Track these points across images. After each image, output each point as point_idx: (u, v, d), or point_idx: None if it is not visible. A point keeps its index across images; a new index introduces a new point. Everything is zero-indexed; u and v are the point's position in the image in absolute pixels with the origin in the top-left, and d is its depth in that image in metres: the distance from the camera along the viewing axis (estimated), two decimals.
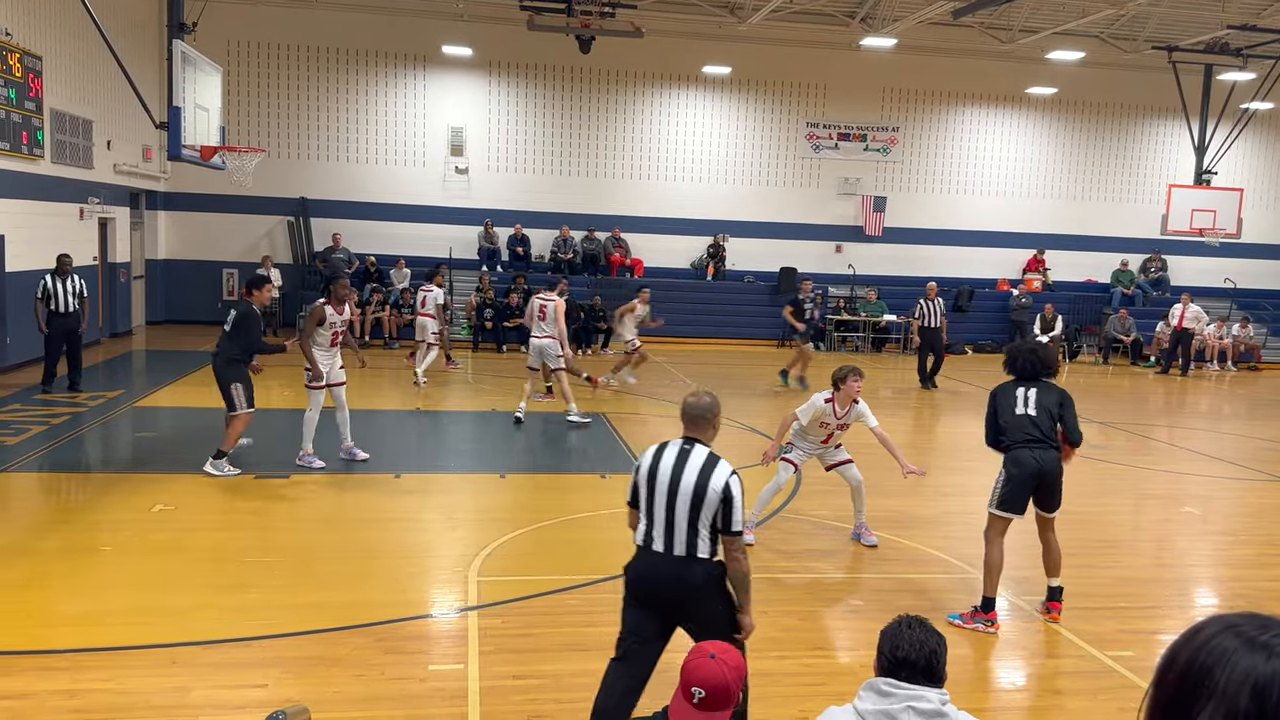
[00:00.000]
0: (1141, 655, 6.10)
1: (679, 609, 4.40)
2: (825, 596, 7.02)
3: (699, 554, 4.35)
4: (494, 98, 23.45)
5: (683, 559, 4.34)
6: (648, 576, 4.42)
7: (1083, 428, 6.98)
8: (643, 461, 4.52)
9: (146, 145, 20.30)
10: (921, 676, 2.90)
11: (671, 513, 4.35)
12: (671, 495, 4.35)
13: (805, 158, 24.83)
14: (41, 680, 5.21)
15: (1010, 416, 6.62)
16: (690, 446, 4.47)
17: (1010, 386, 6.78)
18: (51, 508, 8.75)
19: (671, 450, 4.48)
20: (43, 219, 15.82)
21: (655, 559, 4.39)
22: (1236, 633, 1.32)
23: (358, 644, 5.80)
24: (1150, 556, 8.53)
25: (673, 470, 4.39)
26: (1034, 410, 6.57)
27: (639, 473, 4.50)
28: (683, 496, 4.33)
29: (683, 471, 4.37)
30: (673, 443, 4.53)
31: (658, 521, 4.38)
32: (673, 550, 4.35)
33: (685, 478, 4.35)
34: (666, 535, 4.36)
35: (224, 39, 20.94)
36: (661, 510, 4.37)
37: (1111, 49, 23.69)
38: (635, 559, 4.50)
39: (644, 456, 4.54)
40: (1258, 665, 1.28)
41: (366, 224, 22.86)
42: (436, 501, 9.24)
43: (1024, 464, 6.51)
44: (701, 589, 4.36)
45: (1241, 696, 1.26)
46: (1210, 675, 1.30)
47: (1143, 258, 26.14)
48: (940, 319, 17.27)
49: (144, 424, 12.27)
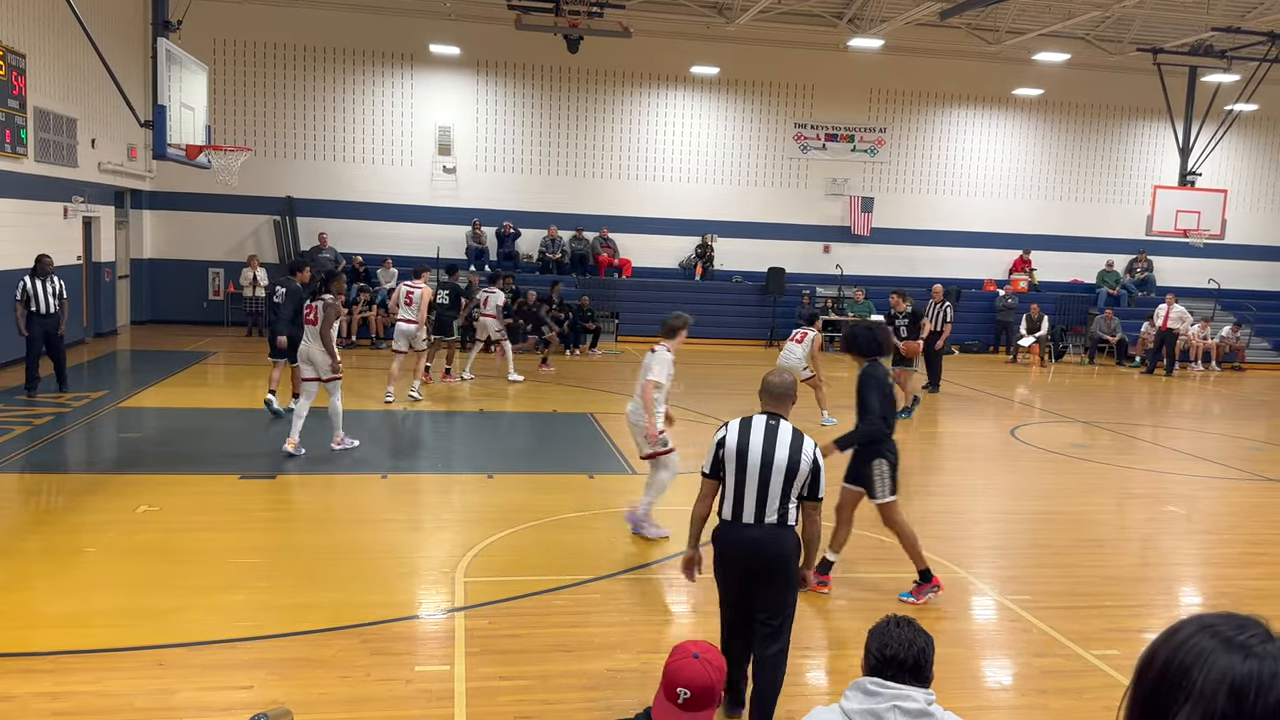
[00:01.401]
0: (1126, 654, 6.13)
1: (765, 574, 4.66)
2: (810, 596, 7.03)
3: (789, 522, 4.67)
4: (482, 97, 23.41)
5: (774, 527, 4.64)
6: (740, 545, 4.66)
7: (1068, 428, 7.04)
8: (728, 437, 4.73)
9: (131, 144, 20.18)
10: (909, 676, 2.91)
11: (766, 485, 4.62)
12: (765, 469, 4.63)
13: (793, 158, 24.88)
14: (25, 683, 5.17)
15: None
16: (776, 422, 4.76)
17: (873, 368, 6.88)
18: (35, 509, 8.70)
19: (758, 427, 4.73)
20: (26, 218, 15.71)
21: (747, 529, 4.65)
22: (1214, 633, 1.33)
23: (343, 645, 5.78)
24: (1135, 555, 8.58)
25: (764, 446, 4.66)
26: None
27: (724, 448, 4.71)
28: (777, 470, 4.62)
29: (775, 446, 4.66)
30: (756, 419, 4.79)
31: (749, 494, 4.64)
32: (764, 520, 4.63)
33: (779, 452, 4.64)
34: (759, 506, 4.63)
35: (210, 37, 20.84)
36: (754, 483, 4.63)
37: (1097, 51, 23.81)
38: (724, 531, 4.73)
39: (727, 432, 4.76)
40: (1235, 665, 1.29)
41: (353, 223, 22.79)
42: (423, 502, 9.22)
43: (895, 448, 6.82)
44: (792, 556, 4.70)
45: (1218, 696, 1.27)
46: (1188, 675, 1.31)
47: (1128, 258, 26.28)
48: (944, 323, 16.97)
49: (128, 424, 12.20)
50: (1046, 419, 15.24)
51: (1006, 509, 9.95)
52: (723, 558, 4.75)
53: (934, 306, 17.21)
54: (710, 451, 4.79)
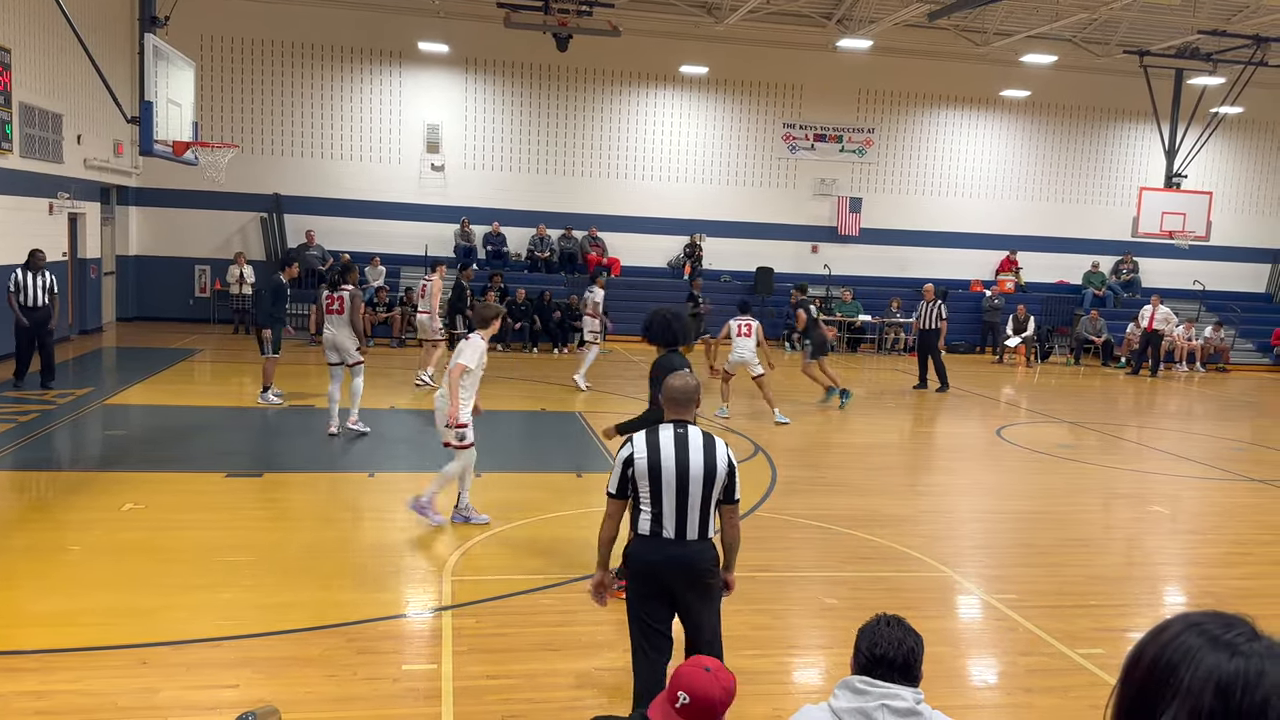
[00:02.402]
0: (1112, 653, 6.16)
1: (690, 592, 4.45)
2: (799, 595, 7.05)
3: (709, 534, 4.44)
4: (471, 95, 23.36)
5: (696, 542, 4.40)
6: (660, 564, 4.40)
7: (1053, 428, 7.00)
8: (636, 453, 4.42)
9: (118, 140, 20.07)
10: (898, 675, 2.92)
11: (685, 498, 4.36)
12: (682, 481, 4.36)
13: (781, 158, 24.92)
14: (8, 681, 5.14)
15: None
16: (684, 430, 4.48)
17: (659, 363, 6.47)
18: (19, 506, 8.64)
19: (667, 438, 4.44)
20: (11, 214, 15.61)
21: (667, 545, 4.39)
22: (1200, 631, 1.34)
23: (330, 644, 5.76)
24: (1120, 555, 8.63)
25: (676, 456, 4.38)
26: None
27: (633, 466, 4.42)
28: (694, 481, 4.36)
29: (688, 455, 4.38)
30: (663, 429, 4.49)
31: (667, 509, 4.37)
32: (685, 535, 4.38)
33: (693, 461, 4.37)
34: (679, 521, 4.38)
35: (197, 33, 20.73)
36: (672, 497, 4.37)
37: (1084, 53, 23.92)
38: (641, 548, 4.45)
39: (635, 449, 4.44)
40: (1221, 664, 1.29)
41: (341, 220, 22.71)
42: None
43: None
44: (715, 568, 4.50)
45: (1205, 695, 1.28)
46: (1175, 673, 1.31)
47: (1114, 259, 26.42)
48: (938, 322, 17.09)
49: (114, 422, 12.13)
50: (1032, 419, 15.31)
51: (992, 508, 9.99)
52: (642, 577, 4.45)
53: (925, 306, 17.28)
54: (616, 471, 4.47)
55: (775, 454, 11.56)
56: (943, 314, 17.09)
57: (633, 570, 4.51)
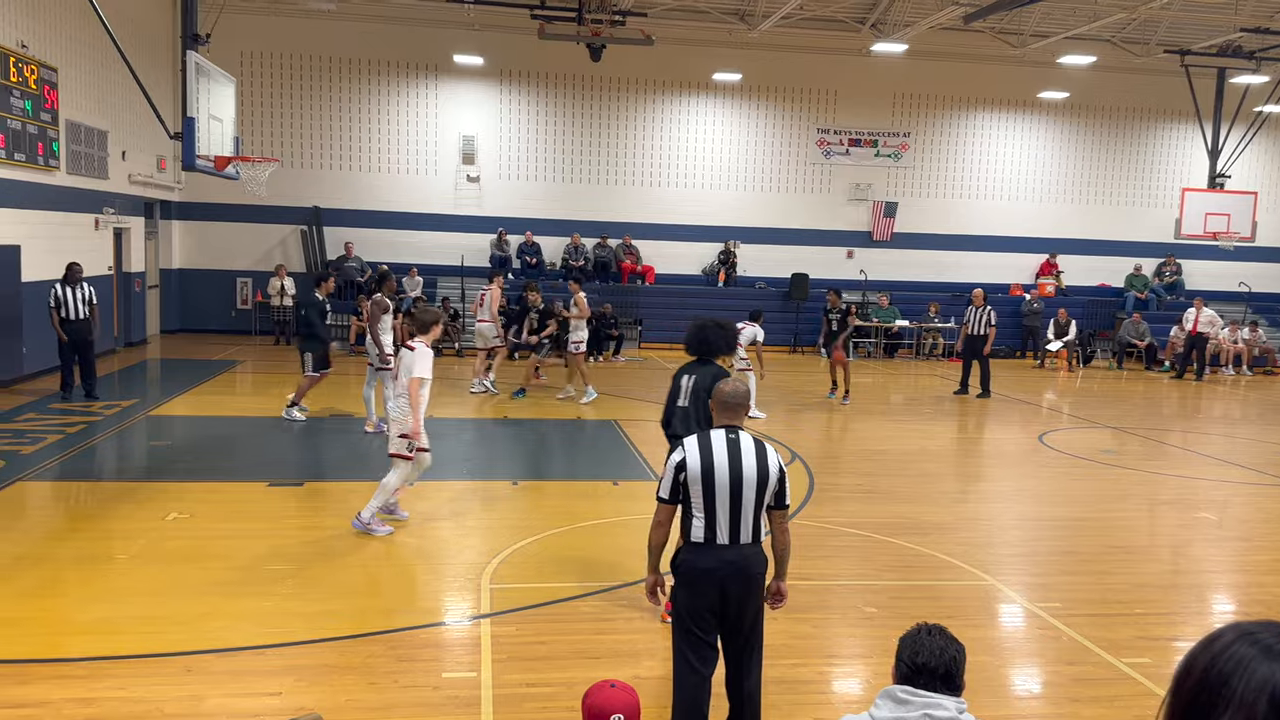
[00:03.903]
0: (1158, 662, 6.05)
1: (742, 597, 4.42)
2: (838, 604, 7.00)
3: (761, 538, 4.45)
4: (505, 106, 23.53)
5: (750, 545, 4.41)
6: (715, 570, 4.37)
7: (1097, 433, 6.89)
8: (689, 458, 4.43)
9: (161, 155, 20.44)
10: (940, 684, 2.88)
11: (738, 503, 4.37)
12: (735, 486, 4.36)
13: (816, 163, 24.83)
14: (58, 688, 5.23)
15: (674, 405, 6.44)
16: (735, 435, 4.50)
17: (680, 371, 6.50)
18: (67, 516, 8.80)
19: (719, 443, 4.45)
20: (58, 229, 15.93)
21: (721, 550, 4.38)
22: (1254, 640, 1.32)
23: (371, 651, 5.81)
24: (1166, 562, 8.47)
25: (729, 462, 4.39)
26: (688, 401, 6.35)
27: (685, 471, 4.42)
28: (748, 485, 4.37)
29: (740, 460, 4.39)
30: (714, 434, 4.50)
31: (721, 514, 4.37)
32: (739, 539, 4.38)
33: (745, 466, 4.38)
34: (732, 525, 4.37)
35: (238, 50, 21.07)
36: (725, 502, 4.36)
37: (1123, 53, 23.61)
38: (694, 555, 4.43)
39: (687, 453, 4.45)
40: (1276, 673, 1.27)
41: (379, 232, 22.96)
42: (449, 509, 9.25)
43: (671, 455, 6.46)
44: (764, 574, 4.49)
45: (1259, 704, 1.26)
46: (1227, 683, 1.29)
47: (1157, 262, 26.04)
48: (987, 328, 16.97)
49: (158, 433, 12.32)
50: (1075, 424, 15.10)
51: (1034, 515, 9.86)
52: (695, 584, 4.41)
53: (975, 311, 17.13)
54: (668, 476, 4.46)
55: (812, 461, 11.50)
56: (991, 320, 16.95)
57: (685, 578, 4.47)
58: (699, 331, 6.43)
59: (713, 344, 6.38)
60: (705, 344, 6.38)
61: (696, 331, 6.44)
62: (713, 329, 6.41)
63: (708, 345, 6.38)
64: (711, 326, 6.43)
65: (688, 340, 6.50)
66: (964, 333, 17.36)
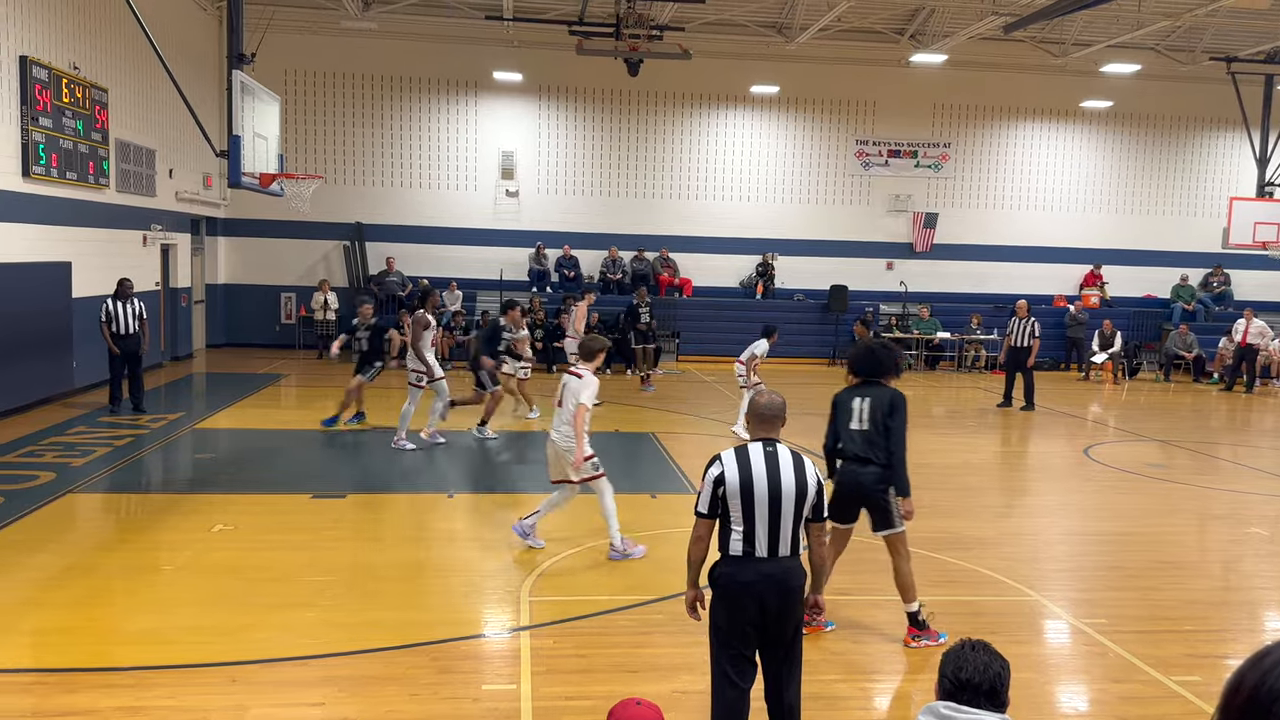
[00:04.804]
0: (1208, 680, 5.93)
1: (782, 610, 4.40)
2: (880, 619, 6.93)
3: (800, 551, 4.47)
4: (544, 121, 23.70)
5: (789, 558, 4.42)
6: (754, 583, 4.37)
7: (1143, 446, 6.76)
8: (727, 472, 4.43)
9: (207, 173, 20.81)
10: (985, 700, 2.86)
11: (777, 516, 4.38)
12: (775, 499, 4.37)
13: (855, 175, 24.72)
14: (105, 697, 5.32)
15: (844, 429, 6.34)
16: (773, 448, 4.50)
17: (846, 393, 6.44)
18: (114, 527, 8.96)
19: (757, 456, 4.46)
20: (107, 246, 16.28)
21: (760, 564, 4.38)
22: None
23: (412, 663, 5.85)
24: (1216, 578, 8.30)
25: (768, 475, 4.40)
26: (866, 424, 6.27)
27: (724, 485, 4.42)
28: (787, 499, 4.38)
29: (779, 473, 4.41)
30: (752, 447, 4.51)
31: (760, 527, 4.38)
32: (778, 552, 4.40)
33: (784, 479, 4.40)
34: (771, 540, 4.38)
35: (282, 69, 21.44)
36: (764, 516, 4.37)
37: (1168, 61, 23.29)
38: (732, 569, 4.42)
39: (725, 467, 4.45)
40: None
41: (420, 247, 23.19)
42: (488, 520, 9.30)
43: (843, 478, 6.34)
44: (803, 587, 4.50)
45: None
46: (1278, 702, 1.27)
47: (1204, 272, 25.59)
48: (1031, 339, 16.76)
49: (204, 445, 12.51)
50: (1121, 437, 14.85)
51: (1080, 530, 9.70)
52: (734, 598, 4.39)
53: (1018, 323, 16.94)
54: (706, 490, 4.47)
55: None
56: (1036, 331, 16.74)
57: (723, 592, 4.46)
58: (868, 353, 6.43)
59: (883, 365, 6.39)
60: (876, 365, 6.38)
61: (865, 353, 6.45)
62: (881, 350, 6.45)
63: (879, 366, 6.38)
64: (879, 348, 6.47)
65: (855, 362, 6.49)
66: (1007, 344, 17.17)
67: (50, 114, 14.02)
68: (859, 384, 6.46)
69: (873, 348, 6.46)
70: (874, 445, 6.24)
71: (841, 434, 6.36)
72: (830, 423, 6.48)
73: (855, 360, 6.49)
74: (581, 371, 7.96)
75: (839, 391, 6.54)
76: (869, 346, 6.48)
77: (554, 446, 8.03)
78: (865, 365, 6.43)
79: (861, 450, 6.24)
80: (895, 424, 6.24)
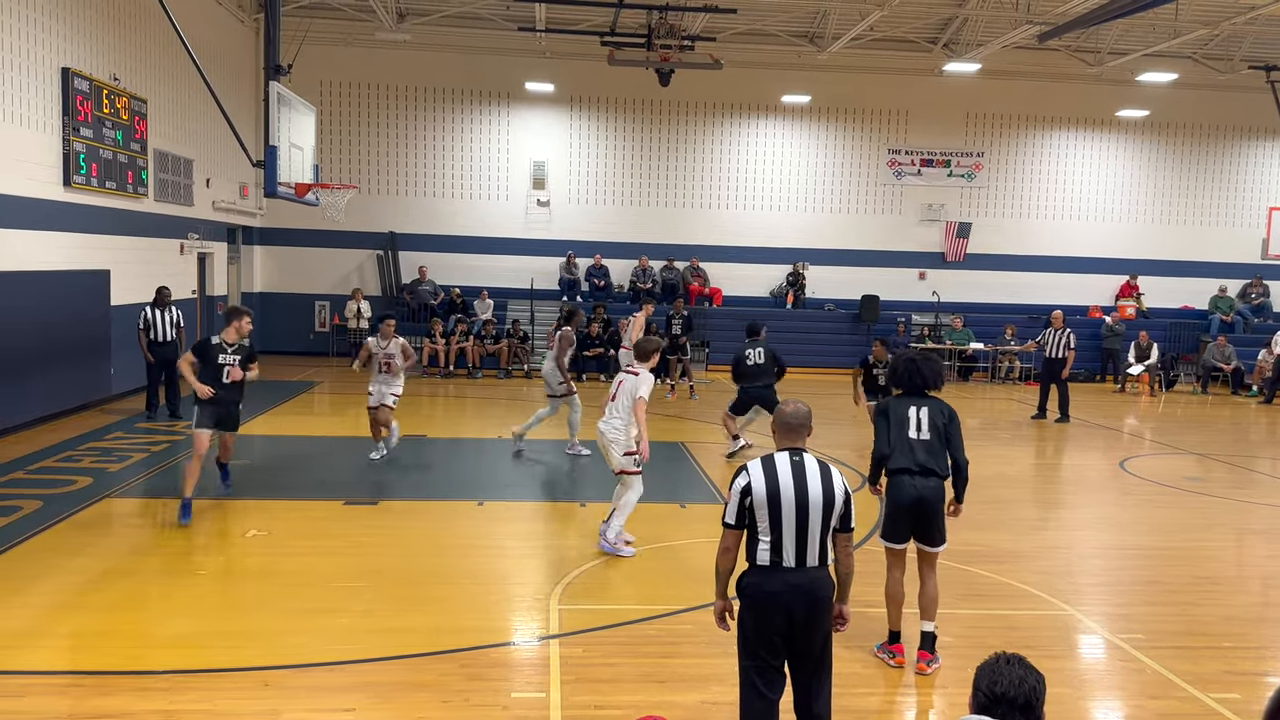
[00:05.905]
0: (1248, 698, 5.82)
1: (810, 621, 4.39)
2: (910, 632, 6.86)
3: (828, 561, 4.45)
4: (575, 131, 23.80)
5: (816, 568, 4.41)
6: (782, 593, 4.37)
7: (1181, 459, 6.66)
8: (754, 482, 4.43)
9: (243, 183, 21.09)
10: (1019, 715, 2.83)
11: (804, 526, 4.38)
12: (802, 509, 4.37)
13: (887, 184, 24.61)
14: (140, 700, 5.38)
15: (901, 438, 6.22)
16: (800, 458, 4.50)
17: (895, 403, 6.35)
18: (150, 532, 9.06)
19: (784, 465, 4.46)
20: (146, 254, 16.52)
21: (788, 574, 4.38)
22: None
23: (442, 670, 5.87)
24: (1256, 595, 8.15)
25: (795, 485, 4.40)
26: (926, 434, 6.19)
27: (751, 495, 4.42)
28: (814, 508, 4.38)
29: (806, 483, 4.40)
30: (778, 456, 4.51)
31: (787, 537, 4.38)
32: (806, 562, 4.39)
33: (811, 488, 4.40)
34: (799, 548, 4.38)
35: (317, 80, 21.69)
36: (792, 525, 4.37)
37: (1206, 69, 23.01)
38: (760, 579, 4.42)
39: (752, 477, 4.45)
40: None
41: (451, 256, 23.36)
42: (518, 529, 9.33)
43: (902, 492, 6.18)
44: (832, 596, 4.49)
45: None
46: None
47: (1242, 283, 25.21)
48: (1066, 351, 16.60)
49: (238, 452, 12.61)
50: (1158, 450, 14.64)
51: (1116, 544, 9.57)
52: (761, 608, 4.39)
53: (1054, 334, 16.78)
54: (733, 501, 4.46)
55: None
56: (1071, 343, 16.57)
57: (751, 602, 4.45)
58: (913, 366, 6.34)
59: (928, 378, 6.34)
60: (921, 378, 6.32)
61: (909, 365, 6.35)
62: (924, 362, 6.37)
63: (923, 379, 6.32)
64: (923, 360, 6.39)
65: (899, 375, 6.41)
66: (1041, 354, 17.00)
67: (91, 124, 14.26)
68: (902, 395, 6.40)
69: (916, 360, 6.39)
70: (936, 455, 6.17)
71: (897, 444, 6.23)
72: (880, 432, 6.38)
73: (901, 373, 6.40)
74: (639, 370, 8.33)
75: (887, 400, 6.48)
76: (911, 359, 6.42)
77: (603, 438, 8.38)
78: (909, 377, 6.35)
79: (924, 460, 6.14)
80: (956, 432, 6.24)
